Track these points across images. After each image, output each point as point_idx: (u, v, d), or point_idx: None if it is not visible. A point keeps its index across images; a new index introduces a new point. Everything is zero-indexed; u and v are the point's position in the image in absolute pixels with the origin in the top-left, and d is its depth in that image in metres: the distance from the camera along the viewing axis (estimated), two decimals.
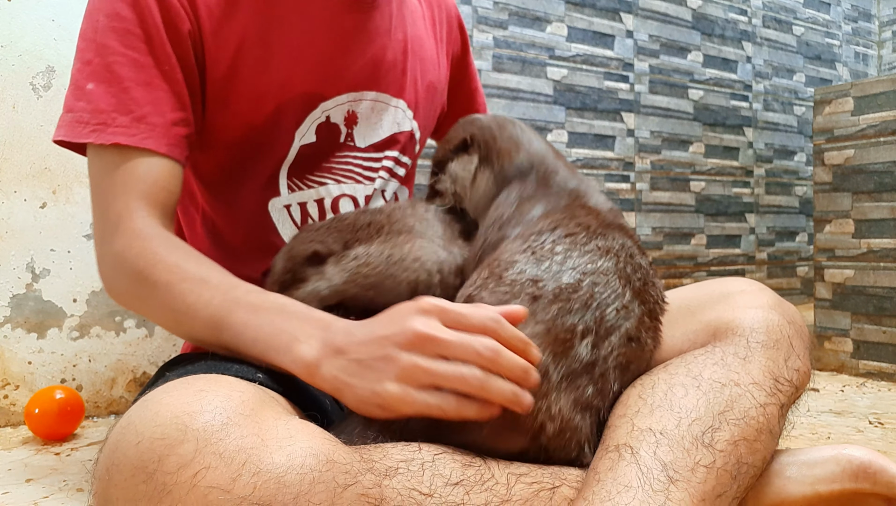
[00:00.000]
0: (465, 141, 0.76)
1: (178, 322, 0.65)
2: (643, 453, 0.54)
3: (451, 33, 1.02)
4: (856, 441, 1.16)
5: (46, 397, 1.18)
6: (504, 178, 0.73)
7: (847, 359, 1.74)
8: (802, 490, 0.63)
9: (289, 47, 0.78)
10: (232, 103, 0.77)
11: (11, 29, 1.29)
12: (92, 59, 0.70)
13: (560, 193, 0.71)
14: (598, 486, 0.53)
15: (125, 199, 0.68)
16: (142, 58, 0.70)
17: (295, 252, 0.71)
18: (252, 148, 0.80)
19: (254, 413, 0.49)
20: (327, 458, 0.48)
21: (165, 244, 0.67)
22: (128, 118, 0.69)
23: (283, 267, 0.70)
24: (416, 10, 0.95)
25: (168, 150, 0.71)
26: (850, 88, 1.74)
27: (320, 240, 0.71)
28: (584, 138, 2.04)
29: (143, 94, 0.70)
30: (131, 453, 0.46)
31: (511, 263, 0.63)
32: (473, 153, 0.75)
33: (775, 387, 0.60)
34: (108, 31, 0.70)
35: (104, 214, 0.70)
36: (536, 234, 0.65)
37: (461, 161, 0.76)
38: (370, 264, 0.69)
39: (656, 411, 0.58)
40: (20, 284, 1.30)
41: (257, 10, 0.77)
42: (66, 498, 0.91)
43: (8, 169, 1.29)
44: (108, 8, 0.70)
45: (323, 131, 0.83)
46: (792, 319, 0.66)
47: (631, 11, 2.13)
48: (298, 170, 0.83)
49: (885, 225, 1.67)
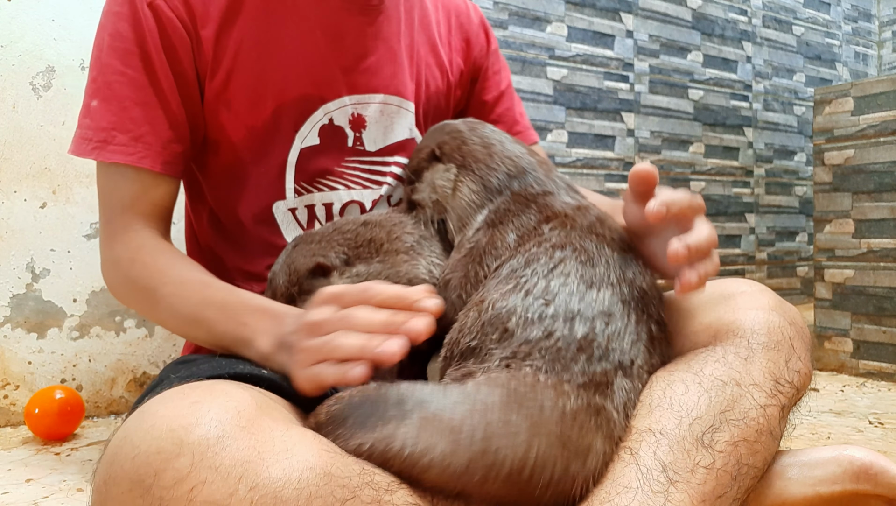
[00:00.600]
0: (434, 151, 0.76)
1: (165, 322, 0.74)
2: (643, 454, 0.54)
3: (466, 40, 1.00)
4: (856, 441, 1.16)
5: (46, 397, 1.18)
6: (484, 186, 0.73)
7: (847, 359, 1.74)
8: (803, 491, 0.63)
9: (285, 50, 0.79)
10: (233, 106, 0.79)
11: (11, 29, 1.29)
12: (97, 78, 0.75)
13: (530, 205, 0.70)
14: (597, 487, 0.53)
15: (123, 213, 0.76)
16: (140, 77, 0.74)
17: (297, 265, 0.71)
18: (254, 150, 0.81)
19: (251, 424, 0.48)
20: (325, 471, 0.47)
21: (153, 252, 0.74)
22: (126, 137, 0.75)
23: (287, 280, 0.71)
24: (429, 16, 0.95)
25: (163, 168, 0.77)
26: (850, 88, 1.74)
27: (322, 254, 0.71)
28: (584, 138, 2.04)
29: (141, 114, 0.75)
30: (128, 466, 0.46)
31: (511, 311, 0.60)
32: (448, 161, 0.75)
33: (776, 388, 0.60)
34: (111, 51, 0.75)
35: (106, 225, 0.78)
36: (522, 268, 0.63)
37: (436, 170, 0.76)
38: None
39: (655, 410, 0.58)
40: (20, 284, 1.30)
41: (257, 14, 0.78)
42: (66, 498, 0.91)
43: (8, 169, 1.29)
44: (112, 28, 0.75)
45: (327, 134, 0.83)
46: (793, 320, 0.66)
47: (631, 11, 2.13)
48: (305, 173, 0.83)
49: (885, 225, 1.67)
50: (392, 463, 0.50)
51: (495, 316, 0.60)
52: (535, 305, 0.59)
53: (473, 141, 0.75)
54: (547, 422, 0.53)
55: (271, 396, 0.58)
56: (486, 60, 1.02)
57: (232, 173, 0.83)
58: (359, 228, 0.74)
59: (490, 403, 0.53)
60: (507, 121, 1.02)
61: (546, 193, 0.72)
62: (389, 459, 0.50)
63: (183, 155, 0.79)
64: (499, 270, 0.66)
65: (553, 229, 0.66)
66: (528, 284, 0.61)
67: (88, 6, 1.35)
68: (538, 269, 0.62)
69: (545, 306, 0.59)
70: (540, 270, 0.62)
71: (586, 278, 0.61)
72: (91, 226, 1.36)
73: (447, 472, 0.50)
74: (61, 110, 1.33)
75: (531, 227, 0.68)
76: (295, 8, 0.80)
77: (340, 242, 0.72)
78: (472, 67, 1.01)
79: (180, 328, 0.73)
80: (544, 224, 0.67)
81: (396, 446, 0.50)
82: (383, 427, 0.51)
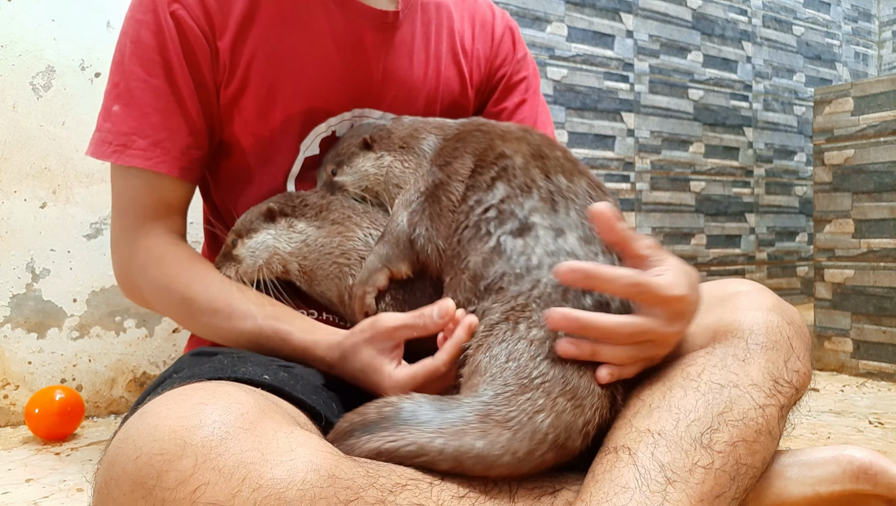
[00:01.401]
0: (367, 139, 0.80)
1: (193, 320, 0.75)
2: (641, 454, 0.54)
3: (490, 48, 0.99)
4: (856, 441, 1.16)
5: (46, 397, 1.18)
6: (417, 153, 0.79)
7: (847, 359, 1.74)
8: (803, 491, 0.63)
9: (297, 62, 0.80)
10: (243, 114, 0.80)
11: (11, 29, 1.29)
12: (119, 83, 0.77)
13: (474, 133, 0.75)
14: (595, 487, 0.53)
15: (141, 218, 0.78)
16: (161, 84, 0.76)
17: (253, 210, 0.78)
18: (260, 156, 0.83)
19: (254, 426, 0.48)
20: (329, 473, 0.47)
21: (176, 260, 0.77)
22: (146, 142, 0.76)
23: (241, 218, 0.78)
24: (453, 25, 0.94)
25: (181, 173, 0.78)
26: (850, 88, 1.74)
27: (275, 201, 0.78)
28: (584, 138, 2.04)
29: (160, 120, 0.76)
30: (130, 467, 0.46)
31: (499, 273, 0.64)
32: (379, 150, 0.80)
33: (775, 388, 0.60)
34: (133, 58, 0.76)
35: (125, 230, 0.79)
36: (496, 221, 0.67)
37: (368, 158, 0.80)
38: (309, 246, 0.76)
39: (654, 411, 0.58)
40: (20, 284, 1.30)
41: (272, 25, 0.79)
42: (66, 498, 0.91)
43: (8, 169, 1.29)
44: (134, 34, 0.77)
45: (327, 147, 0.85)
46: (792, 320, 0.66)
47: (631, 11, 2.13)
48: (305, 183, 0.85)
49: (885, 225, 1.67)
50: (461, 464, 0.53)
51: (483, 279, 0.65)
52: (519, 261, 0.63)
53: (399, 128, 0.81)
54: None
55: (273, 398, 0.58)
56: (510, 68, 1.00)
57: (238, 177, 0.85)
58: (302, 195, 0.79)
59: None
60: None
61: (483, 125, 0.77)
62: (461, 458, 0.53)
63: (200, 161, 0.81)
64: (468, 210, 0.69)
65: (514, 152, 0.70)
66: (508, 245, 0.65)
67: (88, 6, 1.35)
68: (511, 226, 0.66)
69: (527, 260, 0.63)
70: (514, 226, 0.66)
71: (555, 227, 0.65)
72: (91, 226, 1.36)
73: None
74: (61, 110, 1.33)
75: (486, 146, 0.72)
76: (310, 21, 0.81)
77: (288, 197, 0.79)
78: (495, 76, 1.00)
79: (223, 331, 0.73)
80: (500, 142, 0.72)
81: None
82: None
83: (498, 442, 0.53)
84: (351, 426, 0.56)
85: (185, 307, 0.75)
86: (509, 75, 1.00)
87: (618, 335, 0.57)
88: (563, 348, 0.58)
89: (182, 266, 0.76)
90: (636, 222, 2.15)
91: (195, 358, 0.71)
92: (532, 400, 0.56)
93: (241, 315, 0.72)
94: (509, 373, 0.58)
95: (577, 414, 0.57)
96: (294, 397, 0.61)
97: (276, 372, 0.63)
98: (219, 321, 0.73)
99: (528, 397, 0.56)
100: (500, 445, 0.53)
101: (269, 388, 0.60)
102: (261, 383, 0.60)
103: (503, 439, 0.54)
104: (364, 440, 0.54)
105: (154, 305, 0.80)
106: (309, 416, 0.61)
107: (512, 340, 0.60)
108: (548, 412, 0.56)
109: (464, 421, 0.54)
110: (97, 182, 1.36)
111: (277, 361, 0.68)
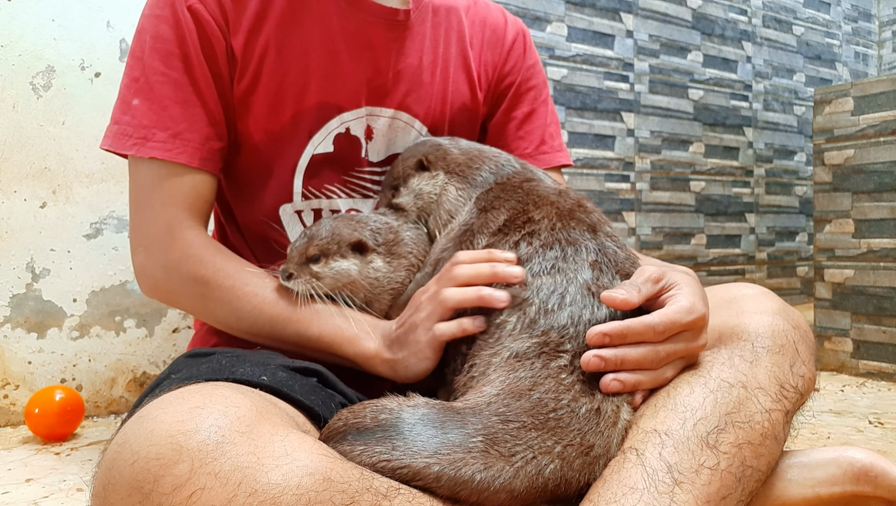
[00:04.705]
0: (422, 160, 0.82)
1: (240, 319, 0.75)
2: (648, 455, 0.54)
3: (499, 55, 0.98)
4: (856, 441, 1.16)
5: (46, 397, 1.18)
6: (469, 183, 0.80)
7: (847, 359, 1.74)
8: (803, 493, 0.63)
9: (307, 58, 0.81)
10: (254, 109, 0.81)
11: (11, 29, 1.28)
12: (139, 77, 0.78)
13: (517, 191, 0.77)
14: (603, 488, 0.54)
15: (169, 210, 0.77)
16: (181, 77, 0.77)
17: (343, 234, 0.77)
18: (269, 152, 0.83)
19: (250, 429, 0.48)
20: (324, 477, 0.47)
21: (218, 253, 0.77)
22: (166, 134, 0.76)
23: (330, 239, 0.76)
24: (463, 31, 0.94)
25: (201, 164, 0.78)
26: (850, 88, 1.74)
27: (363, 234, 0.78)
28: (584, 138, 2.04)
29: (180, 112, 0.77)
30: (127, 472, 0.46)
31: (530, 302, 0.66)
32: (435, 169, 0.82)
33: (781, 393, 0.60)
34: (152, 52, 0.77)
35: (149, 224, 0.78)
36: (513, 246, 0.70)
37: (423, 178, 0.82)
38: (379, 281, 0.78)
39: (660, 411, 0.58)
40: (20, 283, 1.30)
41: (283, 21, 0.80)
42: (66, 498, 0.91)
43: (8, 169, 1.29)
44: (153, 30, 0.78)
45: (342, 143, 0.85)
46: (797, 324, 0.66)
47: (631, 11, 2.13)
48: (315, 179, 0.85)
49: (885, 225, 1.67)
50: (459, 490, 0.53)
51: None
52: (551, 299, 0.65)
53: (454, 150, 0.83)
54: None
55: (271, 399, 0.58)
56: (520, 75, 0.99)
57: (247, 173, 0.85)
58: (381, 226, 0.80)
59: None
60: (533, 139, 0.99)
61: (529, 180, 0.79)
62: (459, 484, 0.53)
63: (221, 152, 0.81)
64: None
65: (542, 217, 0.72)
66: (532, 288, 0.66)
67: (88, 6, 1.35)
68: (533, 267, 0.68)
69: (560, 298, 0.65)
70: (536, 268, 0.68)
71: (569, 275, 0.67)
72: (91, 226, 1.36)
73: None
74: (61, 110, 1.33)
75: (519, 209, 0.74)
76: (321, 18, 0.82)
77: (373, 230, 0.79)
78: (503, 82, 0.99)
79: (258, 327, 0.75)
80: (532, 208, 0.74)
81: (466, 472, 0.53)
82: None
83: (498, 478, 0.53)
84: (345, 427, 0.56)
85: (230, 307, 0.75)
86: (519, 83, 0.99)
87: (652, 363, 0.61)
88: (587, 361, 0.59)
89: (230, 265, 0.76)
90: (636, 222, 2.15)
91: (192, 359, 0.71)
92: (541, 439, 0.55)
93: (307, 319, 0.74)
94: (526, 402, 0.57)
95: (584, 474, 0.56)
96: (292, 397, 0.61)
97: (275, 372, 0.63)
98: (282, 326, 0.74)
99: (538, 436, 0.55)
100: (500, 481, 0.53)
101: (267, 389, 0.60)
102: (259, 383, 0.60)
103: (504, 475, 0.53)
104: (359, 450, 0.53)
105: (184, 302, 0.79)
106: (307, 416, 0.62)
107: (539, 374, 0.60)
108: (553, 457, 0.55)
109: (465, 448, 0.53)
110: (97, 182, 1.36)
111: (276, 361, 0.68)
